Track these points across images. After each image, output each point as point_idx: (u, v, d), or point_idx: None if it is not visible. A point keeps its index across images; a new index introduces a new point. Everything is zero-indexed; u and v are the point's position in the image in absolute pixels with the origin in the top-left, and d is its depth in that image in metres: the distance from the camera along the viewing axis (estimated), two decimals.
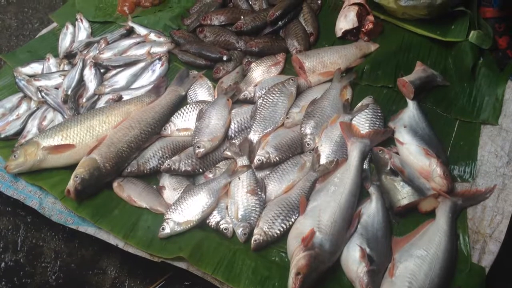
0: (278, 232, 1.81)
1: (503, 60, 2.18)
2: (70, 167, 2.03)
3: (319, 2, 2.65)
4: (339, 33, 2.44)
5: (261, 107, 2.14)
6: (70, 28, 2.72)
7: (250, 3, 2.65)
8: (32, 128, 2.30)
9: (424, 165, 1.86)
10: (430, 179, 1.85)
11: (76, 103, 2.35)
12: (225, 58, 2.40)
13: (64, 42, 2.68)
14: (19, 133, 2.30)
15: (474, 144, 1.99)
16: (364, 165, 1.96)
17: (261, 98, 2.16)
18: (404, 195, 1.82)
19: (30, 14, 3.21)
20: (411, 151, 1.92)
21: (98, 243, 1.97)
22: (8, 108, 2.42)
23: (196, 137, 2.06)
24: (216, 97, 2.27)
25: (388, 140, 2.02)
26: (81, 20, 2.75)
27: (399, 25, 2.40)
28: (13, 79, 2.49)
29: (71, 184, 1.93)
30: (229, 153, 2.06)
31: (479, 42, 2.17)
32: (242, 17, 2.52)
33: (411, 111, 2.07)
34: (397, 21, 2.41)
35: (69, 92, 2.37)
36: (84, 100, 2.39)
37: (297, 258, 1.62)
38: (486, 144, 1.97)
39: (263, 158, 1.99)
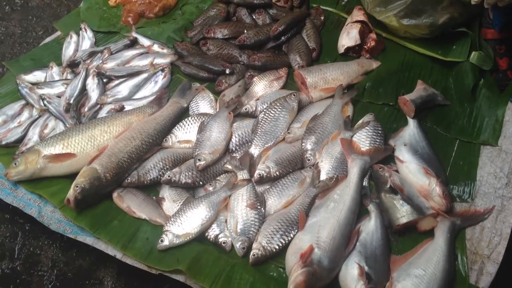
0: (277, 247, 1.81)
1: (503, 81, 2.20)
2: (71, 176, 2.02)
3: (322, 18, 2.67)
4: (341, 49, 2.46)
5: (263, 121, 2.15)
6: (74, 37, 2.74)
7: (254, 17, 2.67)
8: (33, 136, 2.30)
9: (423, 184, 1.87)
10: (429, 198, 1.85)
11: (78, 112, 2.35)
12: (227, 71, 2.42)
13: (68, 51, 2.69)
14: (20, 140, 2.30)
15: (473, 164, 2.00)
16: (364, 182, 1.96)
17: (263, 112, 2.17)
18: (403, 213, 1.83)
19: (34, 22, 3.23)
20: (411, 170, 1.93)
21: (96, 253, 1.96)
22: (10, 115, 2.42)
23: (197, 150, 2.07)
24: (217, 110, 2.28)
25: (388, 158, 2.03)
26: (85, 29, 2.76)
27: (401, 44, 2.43)
28: (16, 86, 2.48)
29: (71, 193, 1.93)
30: (229, 167, 2.06)
31: (480, 63, 2.20)
32: (245, 31, 2.54)
33: (411, 130, 2.08)
34: (399, 39, 2.43)
35: (71, 101, 2.38)
36: (86, 109, 2.39)
37: (295, 274, 1.61)
38: (485, 165, 1.98)
39: (263, 172, 2.00)
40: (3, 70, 2.71)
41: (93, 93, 2.43)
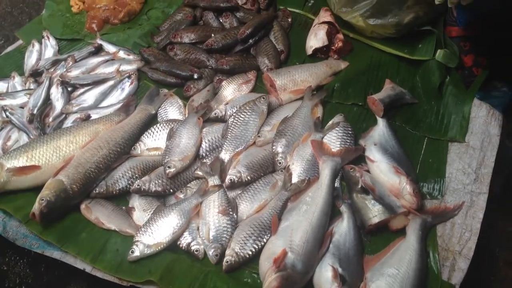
0: (250, 252, 1.79)
1: (469, 78, 2.23)
2: (36, 189, 1.95)
3: (290, 20, 2.67)
4: (309, 51, 2.46)
5: (232, 125, 2.12)
6: (36, 45, 2.67)
7: (221, 20, 2.65)
8: None
9: (394, 183, 1.88)
10: (400, 196, 1.86)
11: (42, 123, 2.28)
12: (195, 76, 2.39)
13: (30, 60, 2.62)
14: None
15: (442, 161, 2.02)
16: (336, 183, 1.95)
17: (232, 116, 2.15)
18: (375, 213, 1.83)
19: None
20: (382, 169, 1.93)
21: (65, 267, 1.89)
22: None
23: (167, 157, 2.03)
24: (186, 115, 2.25)
25: (359, 158, 2.03)
26: (48, 37, 2.70)
27: (368, 44, 2.44)
28: None
29: (36, 207, 1.87)
30: (200, 173, 2.03)
31: (445, 60, 2.22)
32: (212, 35, 2.52)
33: (381, 129, 2.09)
34: (366, 39, 2.45)
35: (34, 111, 2.31)
36: (50, 119, 2.33)
37: (269, 280, 1.59)
38: (454, 162, 2.00)
39: (234, 177, 1.97)
40: None
41: (58, 102, 2.36)
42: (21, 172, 2.01)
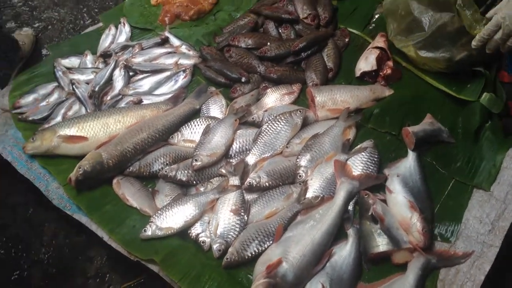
0: (250, 255, 1.86)
1: (511, 127, 2.13)
2: (80, 158, 2.14)
3: (347, 40, 2.69)
4: (357, 73, 2.47)
5: (264, 132, 2.20)
6: (113, 29, 2.92)
7: (280, 31, 2.74)
8: (57, 116, 2.47)
9: (406, 217, 1.86)
10: (409, 232, 1.84)
11: (99, 100, 2.52)
12: (243, 79, 2.50)
13: (104, 42, 2.87)
14: (45, 118, 2.47)
15: (462, 206, 1.95)
16: (350, 207, 1.97)
17: (266, 123, 2.23)
18: (379, 243, 1.83)
19: (85, 11, 3.46)
20: (397, 201, 1.92)
21: (90, 233, 2.09)
22: (42, 95, 2.61)
23: (197, 150, 2.15)
24: (226, 115, 2.36)
25: (381, 186, 2.03)
26: (124, 24, 2.94)
27: (418, 75, 2.41)
28: (53, 68, 2.69)
29: (73, 173, 2.08)
30: (223, 171, 2.13)
31: (490, 105, 2.14)
32: (268, 43, 2.61)
33: (408, 162, 2.06)
34: (417, 70, 2.41)
35: (96, 89, 2.54)
36: (108, 98, 2.54)
37: (257, 283, 1.66)
38: (473, 208, 1.93)
39: (253, 181, 2.05)
40: (48, 52, 2.92)
41: (117, 83, 2.58)
42: (70, 141, 2.23)
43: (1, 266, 2.24)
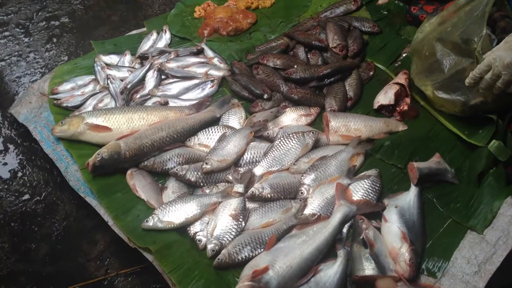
0: (241, 259, 1.94)
1: None
2: (101, 146, 2.29)
3: (371, 73, 2.78)
4: (375, 105, 2.55)
5: (275, 147, 2.30)
6: (154, 35, 3.11)
7: (308, 56, 2.85)
8: (89, 106, 2.65)
9: (396, 247, 1.90)
10: (397, 262, 1.87)
11: (129, 97, 2.68)
12: (265, 96, 2.62)
13: (145, 45, 3.06)
14: (77, 107, 2.66)
15: (454, 245, 1.98)
16: (344, 229, 2.03)
17: (279, 139, 2.32)
18: (365, 266, 1.87)
19: (131, 15, 3.69)
20: (390, 230, 1.96)
21: (100, 219, 2.21)
22: (79, 85, 2.81)
23: (209, 155, 2.27)
24: (243, 127, 2.48)
25: (378, 214, 2.07)
26: (166, 31, 3.12)
27: (434, 115, 2.47)
28: (93, 63, 2.89)
29: (92, 158, 2.23)
30: (230, 178, 2.24)
31: (497, 152, 2.17)
32: (295, 66, 2.73)
33: (409, 196, 2.11)
34: (433, 110, 2.47)
35: (128, 86, 2.71)
36: (138, 96, 2.71)
37: (240, 285, 1.74)
38: (463, 248, 1.95)
39: (256, 191, 2.14)
40: (92, 47, 3.13)
41: (149, 84, 2.74)
42: (95, 129, 2.39)
43: (13, 236, 2.39)
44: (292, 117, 2.52)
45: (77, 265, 2.31)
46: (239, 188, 2.18)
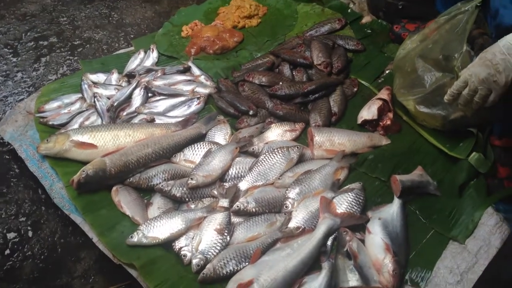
0: (226, 273, 1.94)
1: (496, 188, 2.19)
2: (86, 163, 2.30)
3: (355, 90, 2.83)
4: (359, 120, 2.59)
5: (260, 162, 2.32)
6: (142, 54, 3.15)
7: (294, 73, 2.90)
8: (75, 124, 2.65)
9: (379, 258, 1.91)
10: (380, 273, 1.88)
11: (116, 114, 2.70)
12: (251, 112, 2.65)
13: (132, 64, 3.09)
14: (64, 125, 2.66)
15: (436, 255, 2.00)
16: (329, 241, 2.04)
17: (264, 155, 2.35)
18: (349, 278, 1.88)
19: (121, 36, 3.73)
20: (374, 242, 1.98)
21: (85, 237, 2.20)
22: (65, 103, 2.82)
23: (194, 170, 2.28)
24: (228, 142, 2.50)
25: (362, 227, 2.09)
26: (153, 50, 3.17)
27: (416, 129, 2.51)
28: (80, 81, 2.91)
29: (77, 175, 2.22)
30: (215, 192, 2.25)
31: (477, 164, 2.22)
32: (280, 83, 2.77)
33: (392, 208, 2.13)
34: (415, 125, 2.52)
35: (115, 104, 2.73)
36: (124, 113, 2.73)
37: None
38: (446, 258, 1.97)
39: (241, 205, 2.15)
40: (79, 67, 3.16)
41: (135, 101, 2.77)
42: (80, 146, 2.39)
43: None
44: (277, 133, 2.55)
45: (62, 284, 2.28)
46: (224, 202, 2.19)
